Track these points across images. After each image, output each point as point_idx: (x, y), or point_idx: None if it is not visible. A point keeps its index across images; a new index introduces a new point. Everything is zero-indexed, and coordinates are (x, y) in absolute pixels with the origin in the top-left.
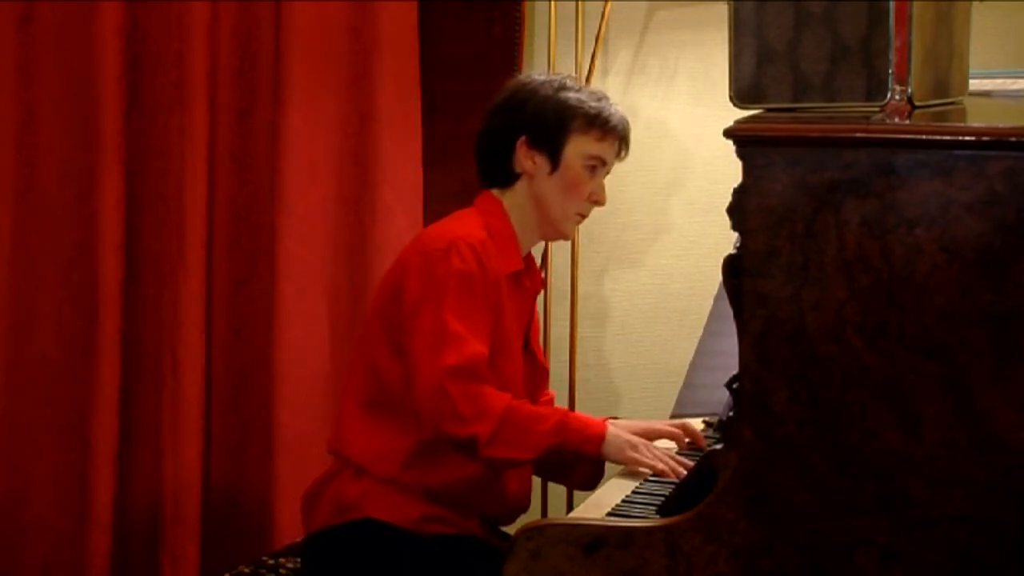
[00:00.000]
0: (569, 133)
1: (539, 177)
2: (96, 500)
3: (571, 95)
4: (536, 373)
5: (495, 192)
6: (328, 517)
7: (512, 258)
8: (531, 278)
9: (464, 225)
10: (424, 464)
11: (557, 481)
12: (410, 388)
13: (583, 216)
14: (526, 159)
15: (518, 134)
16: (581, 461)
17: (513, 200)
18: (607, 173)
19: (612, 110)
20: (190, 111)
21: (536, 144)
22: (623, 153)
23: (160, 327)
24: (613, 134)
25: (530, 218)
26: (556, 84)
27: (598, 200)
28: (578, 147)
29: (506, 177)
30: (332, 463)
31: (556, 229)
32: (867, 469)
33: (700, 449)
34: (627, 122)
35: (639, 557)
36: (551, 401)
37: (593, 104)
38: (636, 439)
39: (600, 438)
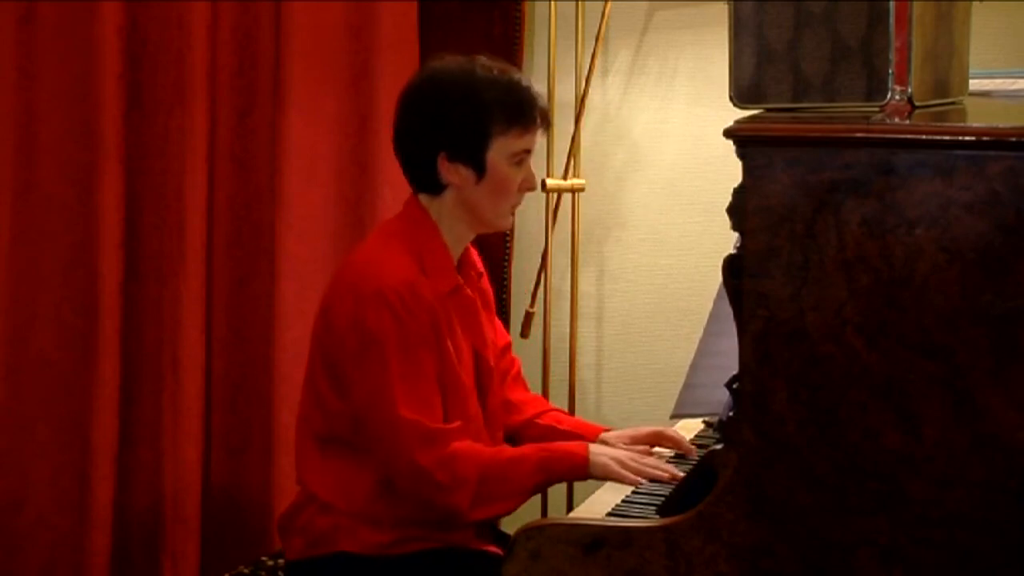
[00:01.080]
0: (490, 138)
1: (467, 187)
2: (96, 500)
3: (484, 95)
4: (482, 372)
5: (423, 199)
6: (302, 548)
7: (446, 275)
8: (471, 284)
9: (389, 258)
10: (390, 496)
11: None
12: (373, 451)
13: (517, 206)
14: (450, 174)
15: (436, 150)
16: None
17: (442, 208)
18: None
19: (528, 97)
20: (190, 111)
21: (457, 158)
22: (547, 129)
23: (160, 327)
24: (534, 123)
25: (462, 223)
26: (465, 84)
27: (530, 187)
28: (502, 149)
29: (433, 187)
30: (301, 492)
31: (492, 227)
32: (867, 469)
33: (686, 456)
34: (543, 100)
35: (639, 557)
36: (518, 375)
37: (508, 100)
38: (621, 453)
39: (584, 463)
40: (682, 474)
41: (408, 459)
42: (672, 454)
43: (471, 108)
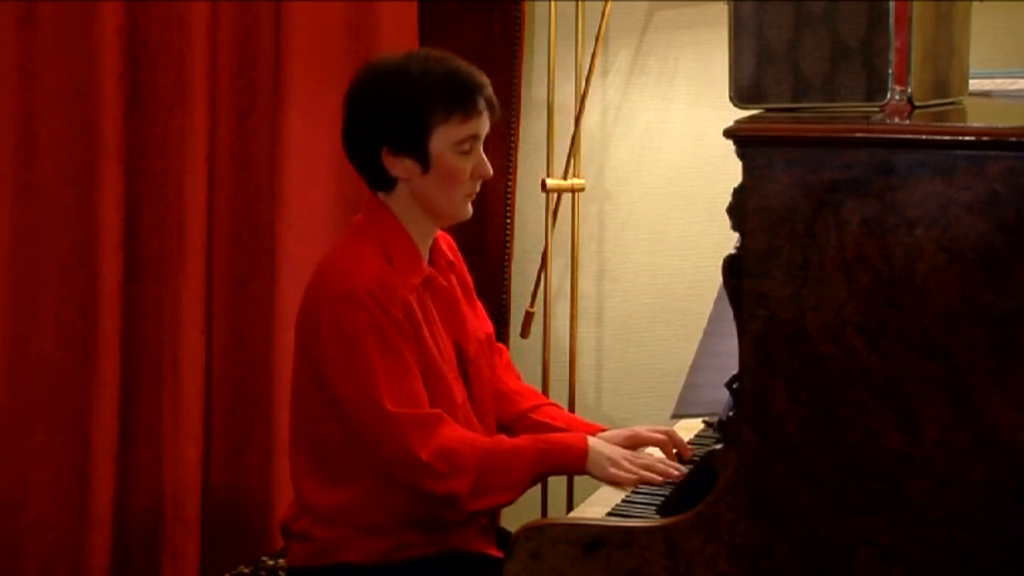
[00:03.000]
0: (430, 129)
1: (414, 180)
2: (96, 500)
3: (420, 85)
4: (464, 361)
5: (381, 196)
6: (305, 556)
7: (415, 268)
8: (442, 272)
9: (358, 259)
10: (386, 504)
11: None
12: (367, 452)
13: (473, 194)
14: (395, 168)
15: (378, 145)
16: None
17: (399, 203)
18: (484, 139)
19: (468, 82)
20: (190, 111)
21: (399, 151)
22: (496, 115)
23: (160, 327)
24: (477, 108)
25: (420, 216)
26: (401, 77)
27: (483, 174)
28: (444, 138)
29: (384, 184)
30: (298, 501)
31: (450, 217)
32: (867, 469)
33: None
34: (485, 83)
35: (639, 557)
36: (508, 364)
37: (445, 87)
38: (617, 453)
39: (583, 456)
40: (675, 471)
41: (404, 452)
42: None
43: (407, 99)
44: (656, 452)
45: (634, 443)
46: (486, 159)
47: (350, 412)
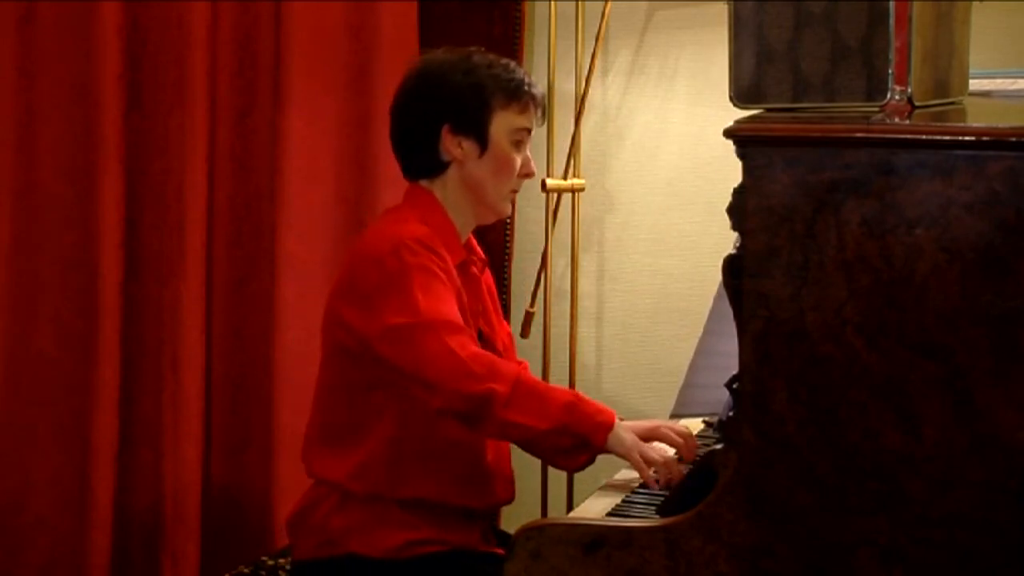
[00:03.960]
0: (492, 111)
1: (469, 162)
2: (96, 500)
3: (484, 72)
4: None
5: (424, 184)
6: (312, 549)
7: (455, 249)
8: (476, 265)
9: (403, 224)
10: (397, 472)
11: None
12: (405, 379)
13: (515, 192)
14: (453, 146)
15: (440, 123)
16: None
17: (444, 189)
18: (530, 142)
19: (526, 79)
20: (190, 111)
21: (461, 129)
22: (543, 120)
23: (160, 327)
24: (532, 103)
25: (465, 204)
26: (465, 64)
27: (529, 172)
28: (503, 123)
29: (434, 167)
30: (313, 489)
31: (493, 210)
32: (867, 469)
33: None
34: (539, 87)
35: (639, 557)
36: (526, 369)
37: (506, 77)
38: (643, 445)
39: (608, 427)
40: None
41: (442, 352)
42: (672, 452)
43: (472, 82)
44: (669, 451)
45: (652, 437)
46: (533, 160)
47: (387, 332)
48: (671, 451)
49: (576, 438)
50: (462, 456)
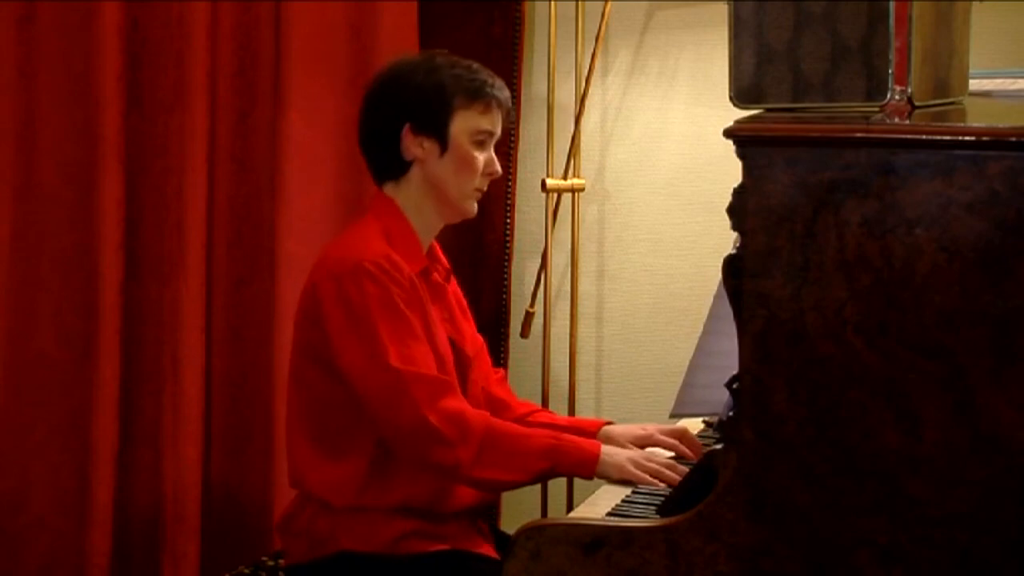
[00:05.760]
0: (452, 111)
1: (431, 161)
2: (96, 500)
3: (446, 73)
4: (461, 361)
5: (388, 188)
6: (304, 551)
7: (415, 257)
8: (438, 271)
9: (363, 240)
10: (380, 485)
11: None
12: (371, 419)
13: (481, 191)
14: (414, 146)
15: (401, 122)
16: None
17: (408, 192)
18: (494, 142)
19: (489, 80)
20: (190, 111)
21: (422, 129)
22: (508, 119)
23: (160, 327)
24: (494, 104)
25: (428, 205)
26: (428, 65)
27: (492, 172)
28: (464, 124)
29: (397, 168)
30: (297, 495)
31: (457, 209)
32: (867, 469)
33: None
34: (505, 89)
35: (639, 557)
36: (503, 379)
37: (468, 77)
38: (635, 453)
39: (594, 462)
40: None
41: (411, 412)
42: (671, 453)
43: (433, 82)
44: (666, 453)
45: (646, 443)
46: (497, 160)
47: (356, 378)
48: (668, 454)
49: (562, 475)
50: None
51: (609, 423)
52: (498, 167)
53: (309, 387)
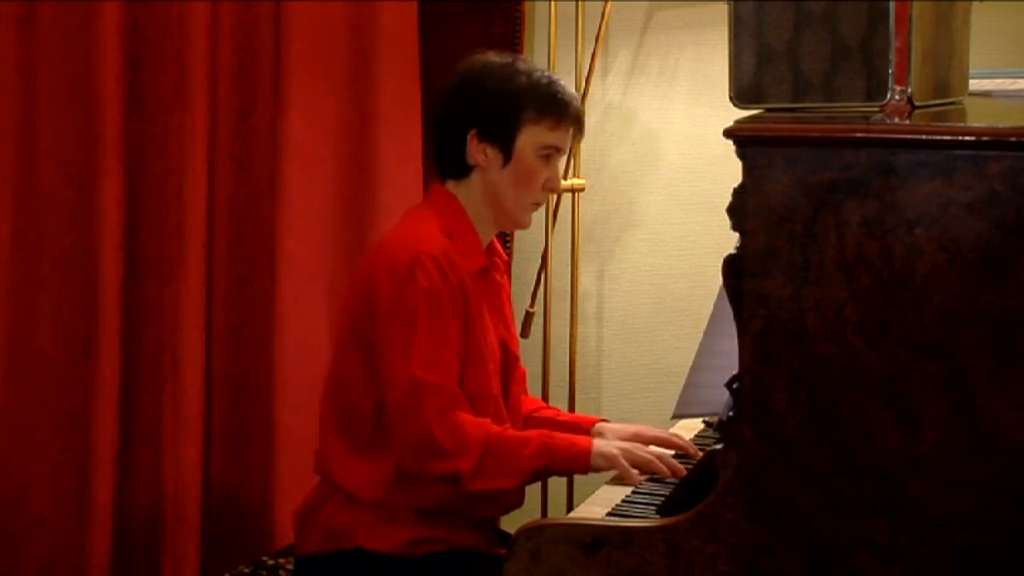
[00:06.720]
0: (520, 124)
1: (492, 170)
2: (96, 500)
3: (521, 82)
4: (508, 361)
5: (450, 185)
6: (319, 543)
7: (475, 255)
8: (497, 269)
9: (423, 233)
10: (410, 484)
11: None
12: (388, 419)
13: (538, 204)
14: (477, 152)
15: (468, 127)
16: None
17: (469, 193)
18: (563, 157)
19: (564, 95)
20: (190, 111)
21: (486, 137)
22: (579, 137)
23: (160, 327)
24: (567, 121)
25: (486, 210)
26: (505, 71)
27: (553, 188)
28: (530, 138)
29: (461, 169)
30: (321, 485)
31: (512, 220)
32: (867, 469)
33: (688, 456)
34: (579, 104)
35: (639, 557)
36: (523, 377)
37: (544, 92)
38: (626, 444)
39: (586, 454)
40: (682, 468)
41: (419, 422)
42: (672, 453)
43: (507, 90)
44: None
45: (637, 441)
46: (559, 176)
47: (385, 378)
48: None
49: (557, 472)
50: None
51: (604, 421)
52: (559, 184)
53: (349, 383)
